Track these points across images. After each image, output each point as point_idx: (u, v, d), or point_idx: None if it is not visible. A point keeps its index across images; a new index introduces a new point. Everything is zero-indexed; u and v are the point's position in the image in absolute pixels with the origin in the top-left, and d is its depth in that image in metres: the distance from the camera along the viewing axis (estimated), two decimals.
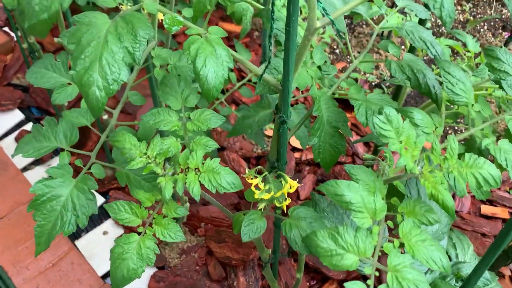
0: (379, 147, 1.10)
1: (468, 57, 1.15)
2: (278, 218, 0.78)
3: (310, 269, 1.56)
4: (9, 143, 1.75)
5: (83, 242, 1.43)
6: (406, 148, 0.62)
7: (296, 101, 1.90)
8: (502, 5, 2.35)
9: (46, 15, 0.54)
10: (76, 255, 1.35)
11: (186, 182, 0.68)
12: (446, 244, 0.90)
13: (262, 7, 0.90)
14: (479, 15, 2.34)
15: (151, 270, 1.50)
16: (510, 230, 0.57)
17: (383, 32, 2.05)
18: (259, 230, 0.76)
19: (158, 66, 0.89)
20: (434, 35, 2.17)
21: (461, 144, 0.81)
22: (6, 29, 2.16)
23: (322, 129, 0.83)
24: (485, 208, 1.71)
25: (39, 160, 1.74)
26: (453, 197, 1.53)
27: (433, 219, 0.64)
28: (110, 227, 1.50)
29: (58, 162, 0.79)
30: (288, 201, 0.75)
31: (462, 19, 2.34)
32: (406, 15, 1.51)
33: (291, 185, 0.75)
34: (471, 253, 1.04)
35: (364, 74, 2.06)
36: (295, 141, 1.87)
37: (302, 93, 1.24)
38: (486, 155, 0.78)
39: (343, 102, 1.65)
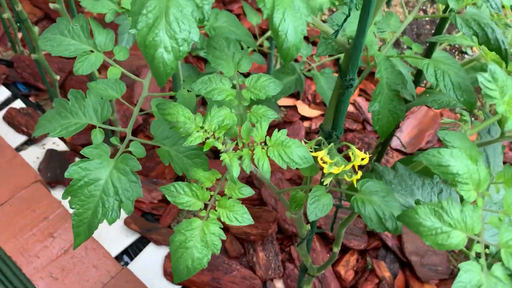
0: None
1: None
2: (347, 194, 0.71)
3: (330, 240, 1.51)
4: None
5: None
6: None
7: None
8: None
9: None
10: (89, 239, 1.26)
11: (253, 158, 0.60)
12: None
13: None
14: None
15: (166, 250, 1.43)
16: None
17: None
18: (326, 208, 0.68)
19: None
20: None
21: None
22: None
23: (383, 93, 0.76)
24: None
25: (32, 140, 1.61)
26: None
27: None
28: None
29: (92, 141, 0.69)
30: (359, 174, 0.67)
31: None
32: None
33: (360, 156, 0.67)
34: None
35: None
36: (304, 109, 1.79)
37: (330, 56, 1.16)
38: None
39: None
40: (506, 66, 0.78)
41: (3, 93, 1.73)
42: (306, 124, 1.77)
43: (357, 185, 0.68)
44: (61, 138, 1.64)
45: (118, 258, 1.36)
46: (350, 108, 1.81)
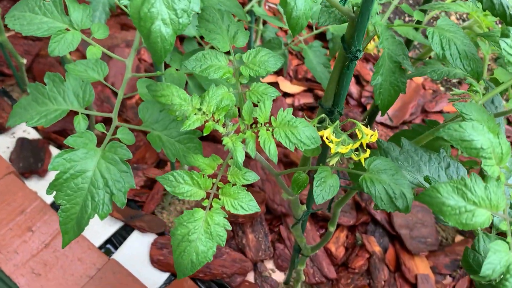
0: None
1: None
2: (353, 174, 0.67)
3: (319, 218, 1.49)
4: None
5: None
6: None
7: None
8: None
9: None
10: None
11: (259, 140, 0.55)
12: None
13: None
14: None
15: (151, 237, 1.37)
16: None
17: None
18: (333, 190, 0.64)
19: None
20: None
21: None
22: None
23: (385, 65, 0.71)
24: None
25: (0, 129, 1.51)
26: None
27: None
28: None
29: (76, 129, 0.62)
30: (368, 152, 0.63)
31: None
32: None
33: (367, 133, 0.64)
34: None
35: None
36: (286, 85, 1.74)
37: (316, 29, 1.10)
38: None
39: None
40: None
41: None
42: (289, 101, 1.72)
43: (365, 163, 0.65)
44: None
45: (102, 247, 1.30)
46: None
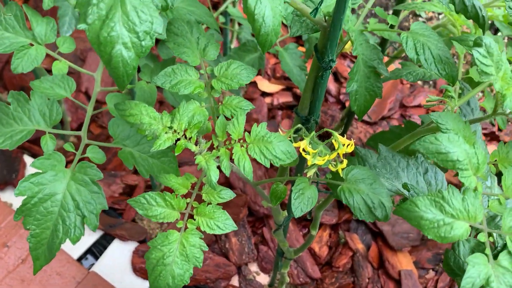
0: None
1: None
2: (331, 184, 0.66)
3: (301, 218, 1.49)
4: None
5: None
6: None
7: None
8: None
9: None
10: None
11: (232, 158, 0.53)
12: None
13: None
14: None
15: (132, 245, 1.35)
16: None
17: None
18: (311, 201, 0.63)
19: None
20: None
21: None
22: None
23: (359, 71, 0.70)
24: None
25: None
26: None
27: None
28: None
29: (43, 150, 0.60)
30: (345, 163, 0.63)
31: None
32: None
33: (344, 143, 0.62)
34: None
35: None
36: (264, 85, 1.73)
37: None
38: None
39: None
40: (483, 34, 0.74)
41: None
42: (268, 100, 1.71)
43: (342, 173, 0.64)
44: None
45: (82, 258, 1.28)
46: None
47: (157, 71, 0.58)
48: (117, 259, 1.31)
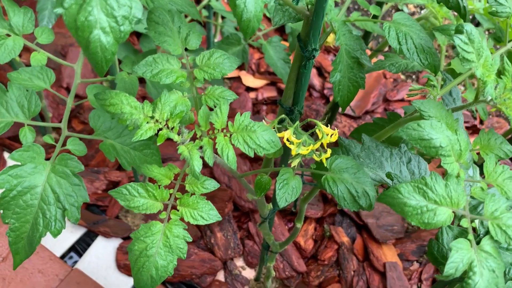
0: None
1: None
2: (315, 174, 0.66)
3: (287, 212, 1.49)
4: None
5: None
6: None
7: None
8: None
9: None
10: None
11: (216, 147, 0.52)
12: None
13: None
14: None
15: (116, 242, 1.34)
16: None
17: None
18: (296, 191, 0.63)
19: None
20: None
21: None
22: None
23: (343, 61, 0.70)
24: None
25: None
26: None
27: (509, 151, 0.55)
28: None
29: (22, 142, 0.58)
30: (329, 152, 0.62)
31: None
32: None
33: (328, 132, 0.62)
34: None
35: None
36: (248, 80, 1.72)
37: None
38: None
39: None
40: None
41: None
42: (252, 95, 1.70)
43: (326, 163, 0.64)
44: None
45: (65, 256, 1.26)
46: None
47: (138, 62, 0.57)
48: (101, 256, 1.30)
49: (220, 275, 1.34)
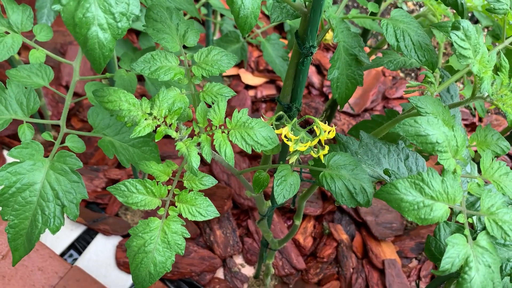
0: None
1: None
2: (313, 171, 0.66)
3: (286, 209, 1.49)
4: None
5: None
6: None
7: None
8: None
9: None
10: None
11: (214, 144, 0.53)
12: None
13: None
14: None
15: (116, 240, 1.34)
16: None
17: None
18: (294, 188, 0.63)
19: None
20: None
21: None
22: None
23: (341, 58, 0.71)
24: None
25: None
26: None
27: (505, 147, 0.56)
28: None
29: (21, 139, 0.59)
30: (326, 149, 0.63)
31: None
32: None
33: (325, 129, 0.63)
34: None
35: None
36: (247, 77, 1.73)
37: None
38: None
39: None
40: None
41: None
42: (251, 93, 1.70)
43: (324, 160, 0.64)
44: None
45: (65, 254, 1.26)
46: None
47: (137, 60, 0.57)
48: (100, 254, 1.30)
49: (219, 273, 1.34)
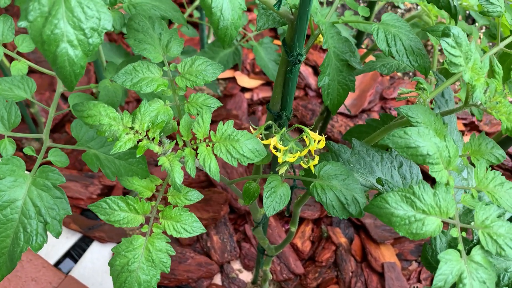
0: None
1: None
2: (305, 181, 0.64)
3: (283, 213, 1.47)
4: None
5: None
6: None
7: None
8: None
9: None
10: None
11: (198, 158, 0.51)
12: None
13: None
14: None
15: (112, 247, 1.33)
16: None
17: None
18: (284, 199, 0.62)
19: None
20: None
21: None
22: None
23: (331, 64, 0.69)
24: None
25: None
26: None
27: (500, 156, 0.54)
28: None
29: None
30: (316, 159, 0.61)
31: None
32: None
33: (315, 139, 0.61)
34: None
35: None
36: (243, 80, 1.71)
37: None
38: None
39: None
40: (455, 24, 0.73)
41: None
42: (247, 95, 1.69)
43: (314, 170, 0.62)
44: None
45: (61, 262, 1.25)
46: None
47: (121, 69, 0.55)
48: (96, 262, 1.29)
49: (217, 279, 1.33)
